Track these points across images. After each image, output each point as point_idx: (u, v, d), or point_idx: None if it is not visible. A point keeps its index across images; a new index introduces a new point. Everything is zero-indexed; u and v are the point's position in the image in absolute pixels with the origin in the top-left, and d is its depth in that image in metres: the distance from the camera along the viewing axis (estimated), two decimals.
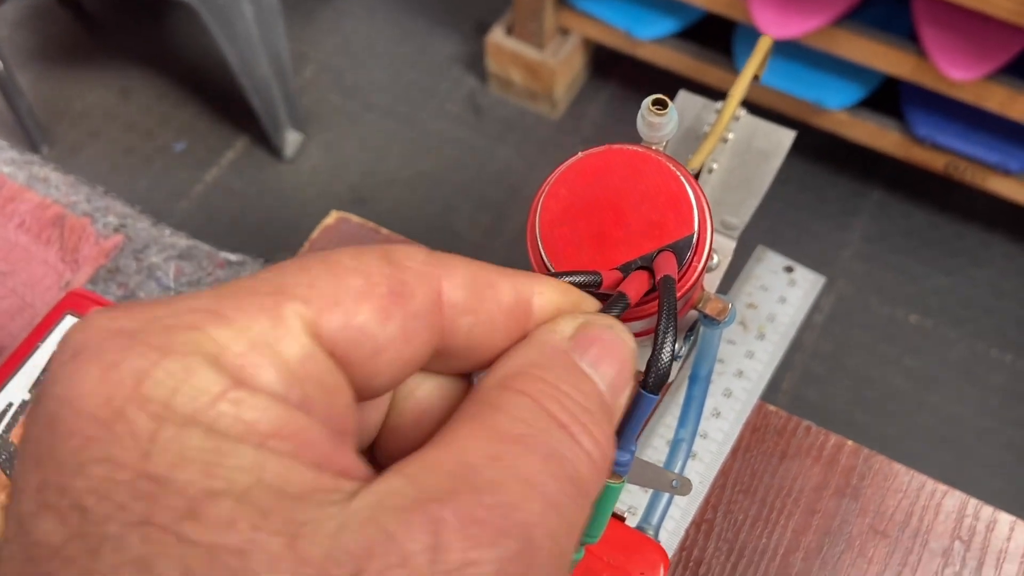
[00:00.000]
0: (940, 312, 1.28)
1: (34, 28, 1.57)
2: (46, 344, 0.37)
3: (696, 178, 0.27)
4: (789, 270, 0.46)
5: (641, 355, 0.20)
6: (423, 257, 0.18)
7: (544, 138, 1.45)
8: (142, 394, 0.14)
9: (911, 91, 1.24)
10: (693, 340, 0.33)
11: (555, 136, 1.45)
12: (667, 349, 0.20)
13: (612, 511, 0.21)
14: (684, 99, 0.42)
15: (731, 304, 0.29)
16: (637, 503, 0.38)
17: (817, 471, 0.42)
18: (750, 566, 0.40)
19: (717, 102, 0.41)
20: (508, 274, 0.20)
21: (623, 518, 0.32)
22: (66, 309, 0.38)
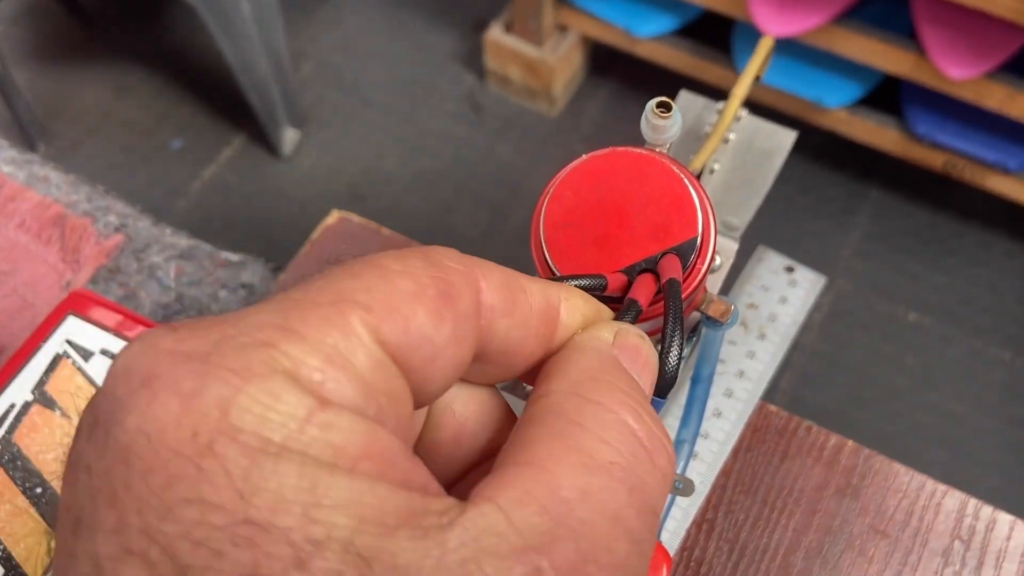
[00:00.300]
0: (939, 310, 1.29)
1: (31, 25, 1.57)
2: (48, 345, 0.37)
3: (698, 179, 0.27)
4: (790, 270, 0.46)
5: None
6: (459, 258, 0.18)
7: (543, 135, 1.45)
8: (231, 425, 0.14)
9: (910, 89, 1.24)
10: (695, 341, 0.33)
11: (554, 133, 1.45)
12: (674, 354, 0.20)
13: None
14: (685, 99, 0.42)
15: (733, 306, 0.29)
16: None
17: (818, 471, 0.42)
18: (751, 566, 0.40)
19: (718, 102, 0.41)
20: (534, 280, 0.20)
21: None
22: (68, 309, 0.38)
